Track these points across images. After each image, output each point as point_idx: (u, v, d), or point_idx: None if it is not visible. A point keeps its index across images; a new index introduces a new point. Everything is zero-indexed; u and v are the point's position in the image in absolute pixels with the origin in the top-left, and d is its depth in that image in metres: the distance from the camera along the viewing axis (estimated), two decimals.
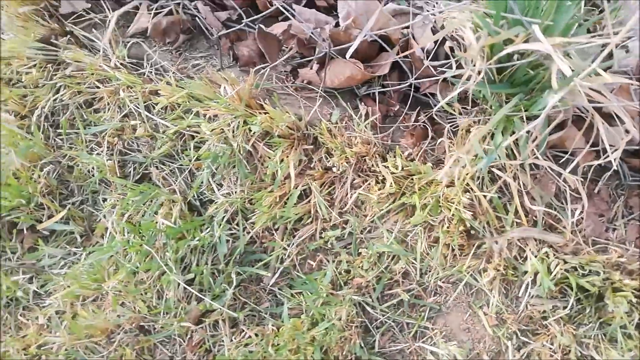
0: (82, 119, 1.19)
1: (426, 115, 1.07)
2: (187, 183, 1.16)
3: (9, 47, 1.15)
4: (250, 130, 1.06)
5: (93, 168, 1.16)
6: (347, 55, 0.91)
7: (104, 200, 1.16)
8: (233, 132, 1.08)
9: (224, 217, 1.08)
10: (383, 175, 1.04)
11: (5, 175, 1.10)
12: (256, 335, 1.02)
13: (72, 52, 1.16)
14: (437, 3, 1.17)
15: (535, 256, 0.98)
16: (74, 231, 1.12)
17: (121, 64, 1.17)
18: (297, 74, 1.15)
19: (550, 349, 0.99)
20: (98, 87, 1.16)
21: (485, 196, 1.00)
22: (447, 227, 1.00)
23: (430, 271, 1.04)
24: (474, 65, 0.91)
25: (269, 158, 1.09)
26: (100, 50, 1.18)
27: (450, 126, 1.06)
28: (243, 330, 1.03)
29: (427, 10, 1.11)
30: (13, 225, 1.12)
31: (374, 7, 1.02)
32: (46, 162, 1.15)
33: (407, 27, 1.09)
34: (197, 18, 1.15)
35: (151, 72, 1.17)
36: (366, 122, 1.05)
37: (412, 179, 1.04)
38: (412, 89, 1.05)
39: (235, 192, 1.10)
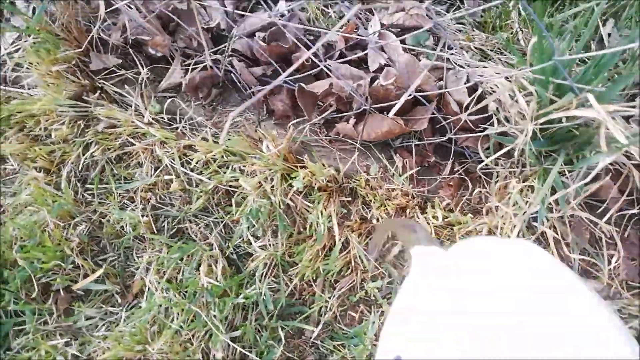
0: (112, 174, 1.18)
1: (462, 167, 1.10)
2: (222, 236, 1.16)
3: (40, 105, 1.14)
4: (291, 186, 1.07)
5: (126, 224, 1.15)
6: (391, 114, 0.94)
7: (138, 256, 1.15)
8: (272, 186, 1.08)
9: (264, 272, 1.08)
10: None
11: (38, 236, 1.08)
12: None
13: (105, 109, 1.16)
14: (463, 54, 1.23)
15: None
16: (109, 290, 1.10)
17: (154, 119, 1.17)
18: (330, 127, 1.17)
19: None
20: (132, 144, 1.15)
21: None
22: None
23: None
24: (516, 123, 0.96)
25: (308, 211, 1.10)
26: (132, 106, 1.18)
27: (485, 175, 1.10)
28: None
29: (457, 64, 1.16)
30: (46, 286, 1.10)
31: (412, 65, 1.05)
32: (79, 221, 1.13)
33: (441, 79, 1.13)
34: (231, 73, 1.17)
35: (185, 127, 1.17)
36: (405, 174, 1.07)
37: (452, 229, 1.07)
38: (452, 143, 1.08)
39: (273, 245, 1.10)
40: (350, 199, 1.12)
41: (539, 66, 0.80)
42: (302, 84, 1.09)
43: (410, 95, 0.96)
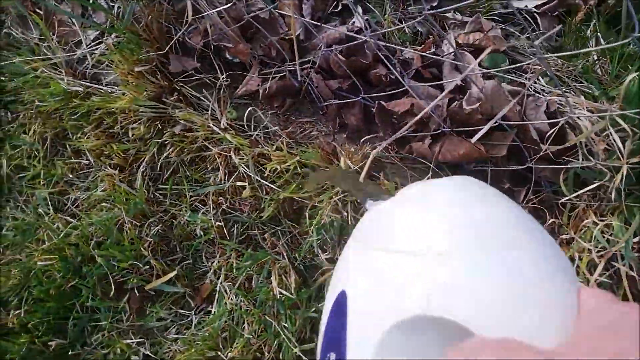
0: (185, 176, 1.20)
1: (537, 196, 1.09)
2: (289, 245, 1.17)
3: (121, 104, 1.16)
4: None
5: (197, 227, 1.17)
6: (474, 139, 0.94)
7: (208, 259, 1.17)
8: (343, 201, 1.09)
9: None
10: None
11: (115, 234, 1.11)
12: None
13: (183, 111, 1.17)
14: (537, 80, 1.22)
15: None
16: (180, 292, 1.12)
17: (229, 124, 1.18)
18: (401, 144, 1.17)
19: None
20: (207, 147, 1.17)
21: (595, 280, 1.02)
22: None
23: None
24: (603, 159, 0.95)
25: None
26: (208, 110, 1.19)
27: (557, 204, 1.09)
28: None
29: (535, 90, 1.15)
30: (120, 284, 1.12)
31: (497, 91, 1.05)
32: (153, 221, 1.15)
33: (520, 106, 1.12)
34: (309, 85, 1.18)
35: (259, 135, 1.18)
36: None
37: None
38: (532, 172, 1.07)
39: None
40: None
41: None
42: (382, 102, 1.09)
43: (495, 122, 0.96)
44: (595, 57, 1.25)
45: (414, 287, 0.37)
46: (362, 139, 1.17)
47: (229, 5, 1.08)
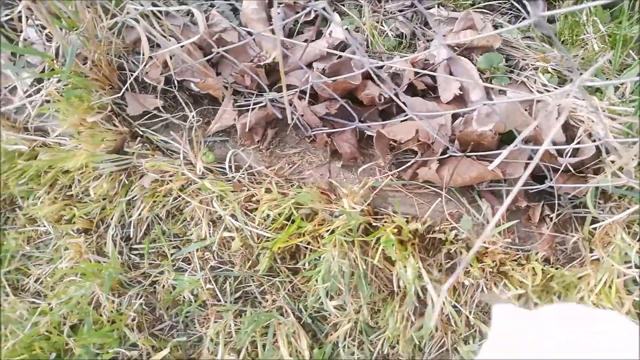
0: (162, 232, 1.05)
1: (558, 215, 1.00)
2: (290, 295, 1.05)
3: (76, 162, 0.99)
4: (367, 243, 0.96)
5: (184, 290, 1.02)
6: (493, 166, 0.83)
7: (200, 323, 1.03)
8: (350, 244, 0.97)
9: (347, 343, 0.98)
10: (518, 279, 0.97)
11: (91, 315, 0.95)
12: None
13: (150, 160, 1.01)
14: (535, 80, 1.11)
15: None
16: None
17: (206, 168, 1.03)
18: (404, 169, 1.05)
19: None
20: (184, 198, 1.02)
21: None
22: None
23: None
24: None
25: (388, 269, 1.00)
26: (179, 153, 1.04)
27: (576, 217, 1.01)
28: None
29: (538, 91, 1.05)
30: None
31: (514, 111, 0.93)
32: (134, 293, 1.00)
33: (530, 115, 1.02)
34: (293, 115, 1.03)
35: (243, 176, 1.04)
36: (500, 227, 0.97)
37: (550, 282, 0.98)
38: (555, 193, 0.98)
39: (351, 305, 1.00)
40: (432, 250, 1.02)
41: None
42: (382, 130, 0.96)
43: (516, 146, 0.85)
44: (596, 47, 1.15)
45: None
46: (360, 169, 1.04)
47: (195, 38, 0.91)
